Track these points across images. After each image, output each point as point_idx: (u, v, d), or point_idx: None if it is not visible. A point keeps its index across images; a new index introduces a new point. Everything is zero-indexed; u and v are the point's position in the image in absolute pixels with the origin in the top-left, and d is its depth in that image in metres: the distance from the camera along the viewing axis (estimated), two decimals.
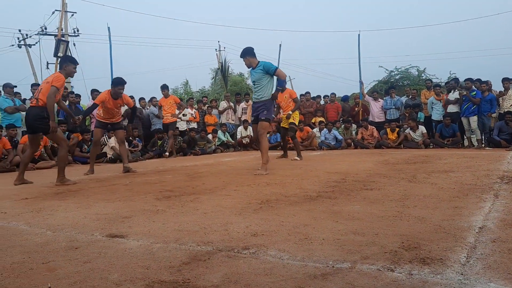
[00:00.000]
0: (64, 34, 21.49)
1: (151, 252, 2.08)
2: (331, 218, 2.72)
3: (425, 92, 12.36)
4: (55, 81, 5.18)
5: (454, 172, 5.12)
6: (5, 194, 4.43)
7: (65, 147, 5.47)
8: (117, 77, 6.74)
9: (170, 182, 5.00)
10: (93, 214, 3.11)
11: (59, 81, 5.23)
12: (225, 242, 2.22)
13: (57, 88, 5.18)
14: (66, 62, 5.51)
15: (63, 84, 5.35)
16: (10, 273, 1.84)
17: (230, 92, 19.30)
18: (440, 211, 2.85)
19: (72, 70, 5.47)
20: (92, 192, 4.31)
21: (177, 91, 32.46)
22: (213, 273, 1.77)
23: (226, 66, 26.08)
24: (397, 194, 3.61)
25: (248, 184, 4.52)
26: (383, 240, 2.16)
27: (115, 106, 6.63)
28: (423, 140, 11.12)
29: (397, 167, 5.98)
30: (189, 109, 12.67)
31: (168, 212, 3.08)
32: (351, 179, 4.65)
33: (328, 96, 13.54)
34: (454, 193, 3.57)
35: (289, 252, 2.02)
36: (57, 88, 5.18)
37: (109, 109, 6.60)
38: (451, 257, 1.87)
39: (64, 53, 11.97)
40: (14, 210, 3.39)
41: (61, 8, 16.43)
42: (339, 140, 12.02)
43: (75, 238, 2.41)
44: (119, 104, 6.68)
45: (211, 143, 12.06)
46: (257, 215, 2.90)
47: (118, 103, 6.64)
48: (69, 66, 5.43)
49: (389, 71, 24.28)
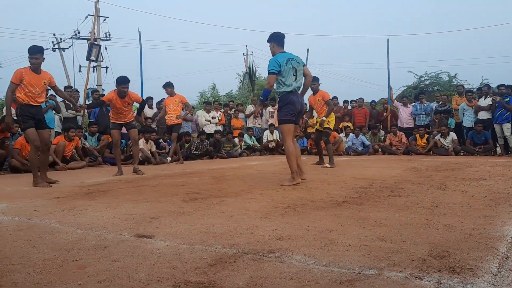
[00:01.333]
0: (97, 38, 22.04)
1: (177, 253, 2.11)
2: (357, 224, 2.69)
3: (456, 98, 12.08)
4: (12, 77, 5.14)
5: (486, 180, 4.98)
6: (38, 193, 4.56)
7: (32, 148, 5.34)
8: (121, 76, 6.61)
9: (196, 184, 5.04)
10: (121, 214, 3.17)
11: (13, 75, 5.15)
12: (250, 245, 2.22)
13: (13, 83, 5.11)
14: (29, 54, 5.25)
15: (17, 77, 5.12)
16: (42, 269, 1.89)
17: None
18: (470, 220, 2.78)
19: (30, 61, 5.21)
20: (121, 193, 4.40)
21: (205, 95, 32.75)
22: (238, 275, 1.77)
23: (253, 70, 26.16)
24: (426, 201, 3.53)
25: (274, 188, 4.52)
26: (411, 248, 2.12)
27: (123, 105, 6.62)
28: (454, 147, 10.87)
29: (426, 174, 5.86)
30: (215, 112, 12.77)
31: (195, 214, 3.11)
32: (379, 185, 4.58)
33: (355, 101, 13.41)
34: (486, 202, 3.47)
35: (315, 257, 2.01)
36: (13, 83, 5.11)
37: (118, 108, 6.62)
38: (482, 267, 1.82)
39: (97, 56, 12.24)
40: (46, 208, 3.49)
41: (94, 13, 16.84)
42: (367, 146, 11.88)
43: (104, 237, 2.46)
44: (127, 103, 6.67)
45: (237, 146, 12.12)
46: (282, 219, 2.90)
47: (126, 101, 6.63)
48: (29, 57, 5.22)
49: (419, 76, 23.88)
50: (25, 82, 5.15)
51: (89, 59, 11.86)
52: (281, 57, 4.93)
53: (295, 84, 4.97)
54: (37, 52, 5.23)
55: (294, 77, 4.94)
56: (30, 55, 5.22)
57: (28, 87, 5.17)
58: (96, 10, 20.80)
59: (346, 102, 13.68)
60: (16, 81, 5.13)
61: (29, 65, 5.25)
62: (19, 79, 5.13)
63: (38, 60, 5.23)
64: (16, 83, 5.13)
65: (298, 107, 5.01)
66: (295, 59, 5.01)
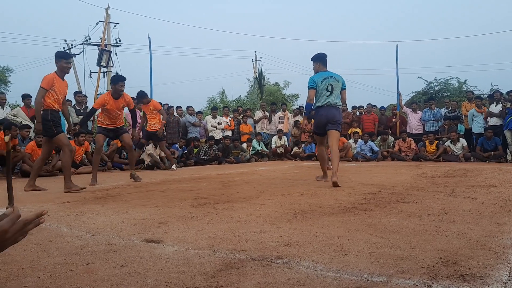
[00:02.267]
0: (107, 44, 22.26)
1: (185, 258, 2.11)
2: (366, 231, 2.68)
3: (466, 104, 12.01)
4: (42, 82, 5.09)
5: (496, 187, 4.93)
6: (48, 197, 4.60)
7: (67, 152, 5.27)
8: (116, 74, 6.47)
9: (205, 189, 5.06)
10: (130, 219, 3.18)
11: (44, 80, 5.09)
12: (258, 251, 2.22)
13: (44, 89, 5.07)
14: (56, 59, 5.25)
15: (48, 83, 5.10)
16: (51, 273, 1.91)
17: (266, 101, 19.35)
18: (480, 227, 2.75)
19: (63, 65, 5.22)
20: (130, 198, 4.42)
21: (214, 100, 32.89)
22: (246, 281, 1.77)
23: (262, 76, 26.25)
24: (435, 208, 3.51)
25: (282, 193, 4.51)
26: (420, 255, 2.11)
27: (117, 108, 6.24)
28: (464, 154, 10.78)
29: (435, 180, 5.82)
30: (224, 118, 12.82)
31: (203, 219, 3.12)
32: (387, 192, 4.56)
33: (363, 107, 13.38)
34: (496, 209, 3.43)
35: (323, 263, 2.00)
36: (44, 89, 5.07)
37: (110, 112, 6.21)
38: (492, 275, 1.80)
39: (107, 62, 12.37)
40: (56, 213, 3.52)
41: (105, 19, 17.06)
42: (375, 152, 11.84)
43: (113, 242, 2.48)
44: (121, 104, 6.28)
45: (245, 152, 12.14)
46: (290, 225, 2.89)
47: (120, 103, 6.24)
48: (60, 62, 5.21)
49: (428, 82, 23.78)
50: (55, 88, 5.18)
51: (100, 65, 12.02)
52: (319, 76, 5.64)
53: (326, 100, 5.60)
54: (70, 57, 5.43)
55: (328, 92, 5.58)
56: (66, 59, 5.30)
57: (56, 94, 5.21)
58: (106, 17, 21.05)
59: (355, 108, 13.66)
60: (47, 87, 5.13)
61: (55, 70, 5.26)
62: (50, 85, 5.14)
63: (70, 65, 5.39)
64: (47, 88, 5.12)
65: (323, 120, 5.67)
66: (334, 77, 5.66)
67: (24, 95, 9.77)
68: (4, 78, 33.59)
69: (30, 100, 9.89)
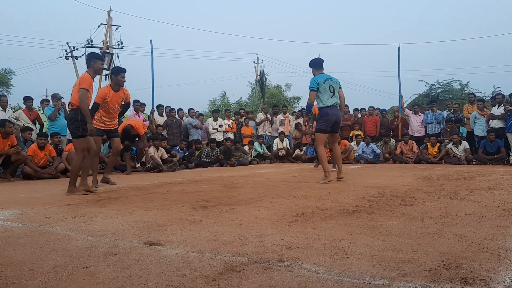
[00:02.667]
0: (109, 47, 22.33)
1: (187, 261, 2.11)
2: (368, 233, 2.67)
3: (468, 106, 12.00)
4: (82, 83, 5.05)
5: (499, 189, 4.91)
6: (50, 200, 4.60)
7: (80, 157, 5.17)
8: (116, 66, 6.47)
9: (206, 192, 5.05)
10: (131, 221, 3.18)
11: (85, 81, 5.09)
12: (260, 254, 2.22)
13: (86, 90, 5.04)
14: (92, 59, 5.26)
15: (90, 84, 5.17)
16: (53, 276, 1.90)
17: (268, 104, 19.39)
18: (483, 230, 2.74)
19: (100, 67, 5.33)
20: (131, 200, 4.42)
21: (215, 103, 32.93)
22: (247, 284, 1.77)
23: (264, 78, 26.27)
24: (437, 210, 3.50)
25: (284, 196, 4.51)
26: (422, 258, 2.10)
27: (116, 101, 6.16)
28: (466, 156, 10.76)
29: (437, 183, 5.81)
30: (226, 120, 12.82)
31: (204, 222, 3.11)
32: (389, 194, 4.55)
33: (365, 109, 13.38)
34: (498, 212, 3.42)
35: (325, 266, 2.00)
36: (86, 90, 5.04)
37: (109, 106, 6.12)
38: (495, 278, 1.80)
39: (109, 65, 12.39)
40: (57, 215, 3.52)
41: (107, 22, 17.09)
42: (377, 154, 11.82)
43: (114, 244, 2.47)
44: (121, 97, 6.20)
45: (247, 154, 12.13)
46: (292, 227, 2.88)
47: (120, 96, 6.18)
48: (96, 63, 5.25)
49: (430, 85, 23.79)
50: (91, 91, 5.20)
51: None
52: (320, 77, 6.01)
53: (332, 100, 5.99)
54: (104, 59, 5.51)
55: (331, 93, 5.97)
56: (102, 61, 5.38)
57: (90, 94, 5.24)
58: (108, 19, 21.11)
59: (356, 110, 13.65)
60: (89, 87, 5.12)
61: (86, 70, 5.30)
62: (91, 85, 5.19)
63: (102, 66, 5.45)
64: (88, 89, 5.10)
65: (333, 119, 6.01)
66: (333, 79, 6.10)
67: (25, 98, 9.78)
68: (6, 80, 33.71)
69: (32, 102, 9.92)
